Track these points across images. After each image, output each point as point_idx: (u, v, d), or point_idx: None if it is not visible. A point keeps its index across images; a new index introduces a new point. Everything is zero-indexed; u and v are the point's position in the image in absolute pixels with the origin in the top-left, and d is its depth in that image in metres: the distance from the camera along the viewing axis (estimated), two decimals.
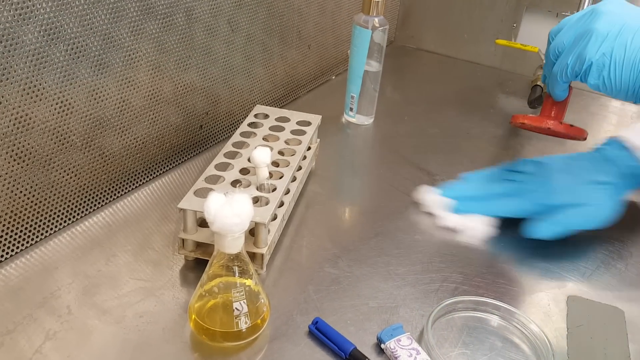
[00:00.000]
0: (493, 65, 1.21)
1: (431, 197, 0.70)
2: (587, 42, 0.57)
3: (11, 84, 0.53)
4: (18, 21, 0.52)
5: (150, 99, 0.71)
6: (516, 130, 0.94)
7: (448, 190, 0.71)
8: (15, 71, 0.53)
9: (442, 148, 0.87)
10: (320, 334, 0.51)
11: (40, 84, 0.56)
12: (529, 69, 1.10)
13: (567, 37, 0.60)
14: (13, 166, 0.56)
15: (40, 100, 0.57)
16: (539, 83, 1.02)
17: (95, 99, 0.63)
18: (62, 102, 0.59)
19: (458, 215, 0.68)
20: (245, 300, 0.48)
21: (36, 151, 0.58)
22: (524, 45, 1.08)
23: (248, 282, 0.50)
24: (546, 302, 0.58)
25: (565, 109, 0.70)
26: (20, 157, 0.57)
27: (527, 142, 0.91)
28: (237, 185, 0.62)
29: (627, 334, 0.54)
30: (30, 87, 0.55)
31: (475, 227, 0.67)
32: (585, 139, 0.71)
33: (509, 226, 0.69)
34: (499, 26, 1.17)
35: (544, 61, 0.65)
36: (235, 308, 0.48)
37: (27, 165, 0.58)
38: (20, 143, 0.56)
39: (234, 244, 0.46)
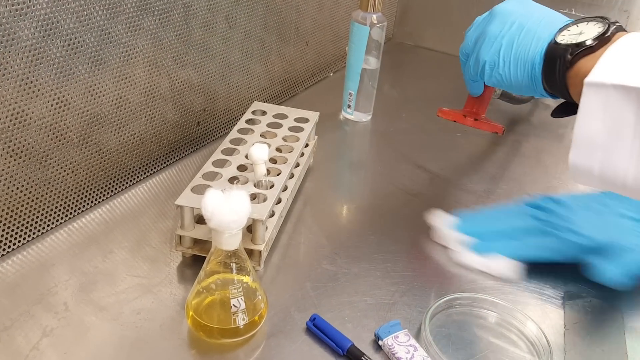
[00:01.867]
0: None
1: (447, 231, 0.63)
2: (482, 44, 0.57)
3: (7, 80, 0.53)
4: (14, 17, 0.52)
5: (147, 96, 0.70)
6: (513, 127, 0.94)
7: (466, 224, 0.64)
8: (11, 67, 0.53)
9: (440, 145, 0.87)
10: (317, 330, 0.51)
11: (36, 80, 0.56)
12: None
13: (471, 39, 0.61)
14: (9, 162, 0.56)
15: (37, 96, 0.56)
16: None
17: (92, 95, 0.63)
18: (58, 98, 0.59)
19: (479, 254, 0.61)
20: (242, 297, 0.48)
21: (33, 147, 0.58)
22: None
23: (245, 278, 0.50)
24: (543, 299, 0.58)
25: (485, 103, 0.71)
26: (16, 154, 0.56)
27: (525, 140, 0.91)
28: (235, 182, 0.61)
29: (624, 331, 0.54)
30: (26, 83, 0.55)
31: (500, 269, 0.60)
32: (502, 133, 0.71)
33: None
34: None
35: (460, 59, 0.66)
36: (233, 305, 0.48)
37: (24, 161, 0.57)
38: (16, 139, 0.56)
39: (232, 240, 0.46)
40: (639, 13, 1.03)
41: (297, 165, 0.70)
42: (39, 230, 0.61)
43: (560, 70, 0.50)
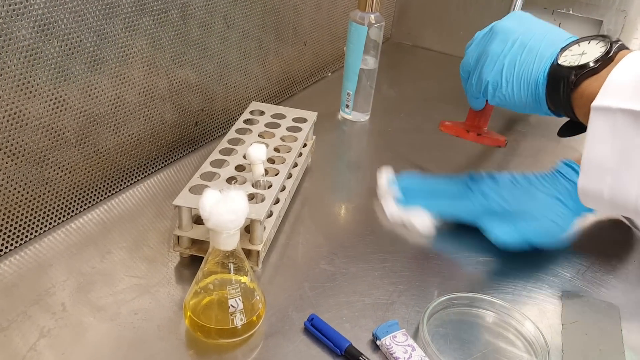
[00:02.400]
0: None
1: (384, 186, 0.69)
2: (484, 63, 0.57)
3: (4, 80, 0.53)
4: (12, 17, 0.52)
5: (145, 96, 0.70)
6: (510, 127, 0.94)
7: (403, 181, 0.69)
8: (8, 67, 0.53)
9: (438, 145, 0.87)
10: (315, 330, 0.51)
11: (34, 80, 0.56)
12: None
13: (472, 56, 0.61)
14: (7, 163, 0.56)
15: (34, 96, 0.56)
16: None
17: (89, 95, 0.63)
18: (55, 98, 0.59)
19: (402, 207, 0.67)
20: (240, 297, 0.48)
21: (30, 148, 0.58)
22: None
23: (243, 279, 0.50)
24: (541, 298, 0.58)
25: (487, 116, 0.71)
26: (13, 154, 0.56)
27: (523, 139, 0.91)
28: (233, 182, 0.61)
29: (621, 330, 0.54)
30: (23, 83, 0.55)
31: (417, 223, 0.66)
32: (504, 145, 0.71)
33: None
34: None
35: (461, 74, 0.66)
36: (231, 305, 0.48)
37: (21, 161, 0.57)
38: (14, 139, 0.56)
39: (229, 241, 0.46)
40: (636, 13, 1.03)
41: (295, 165, 0.70)
42: (36, 231, 0.61)
43: (565, 91, 0.50)
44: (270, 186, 0.60)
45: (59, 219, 0.64)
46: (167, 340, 0.50)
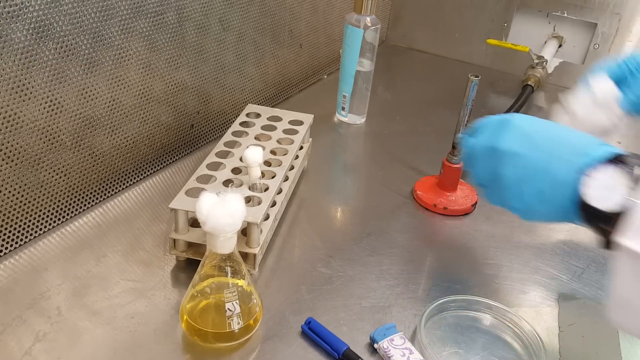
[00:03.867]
0: (484, 64, 1.21)
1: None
2: (501, 189, 0.50)
3: (0, 82, 0.53)
4: (7, 19, 0.51)
5: (141, 98, 0.70)
6: None
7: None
8: (3, 70, 0.53)
9: (434, 147, 0.87)
10: (313, 334, 0.51)
11: (29, 83, 0.55)
12: (519, 68, 1.11)
13: (482, 174, 0.53)
14: (1, 166, 0.55)
15: (29, 99, 0.56)
16: (529, 83, 1.02)
17: (85, 98, 0.62)
18: (51, 101, 0.58)
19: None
20: (237, 301, 0.48)
21: (25, 151, 0.57)
22: (515, 45, 1.08)
23: (240, 282, 0.49)
24: (538, 301, 0.58)
25: (456, 180, 0.73)
26: (8, 157, 0.56)
27: None
28: (229, 185, 0.61)
29: (618, 332, 0.54)
30: (18, 86, 0.54)
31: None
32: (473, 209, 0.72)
33: (504, 225, 0.69)
34: (489, 26, 1.17)
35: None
36: (228, 309, 0.48)
37: (16, 164, 0.57)
38: (8, 142, 0.55)
39: (227, 244, 0.46)
40: (630, 16, 1.04)
41: (292, 167, 0.69)
42: (31, 234, 0.61)
43: (604, 230, 0.44)
44: (266, 189, 0.60)
45: (54, 222, 0.63)
46: (164, 344, 0.50)
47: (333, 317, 0.54)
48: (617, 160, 0.43)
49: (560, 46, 1.12)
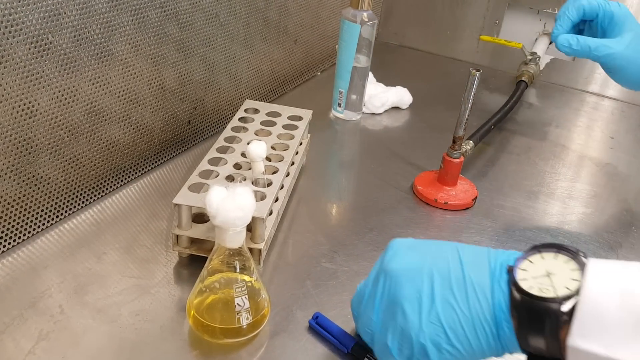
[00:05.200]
0: (476, 61, 1.22)
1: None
2: (405, 319, 0.40)
3: (9, 72, 0.51)
4: (17, 7, 0.50)
5: (138, 94, 0.69)
6: (500, 126, 0.94)
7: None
8: (14, 61, 0.51)
9: (430, 143, 0.87)
10: (321, 329, 0.51)
11: (38, 73, 0.54)
12: (512, 65, 1.11)
13: (371, 319, 0.44)
14: None
15: (35, 92, 0.55)
16: (523, 79, 1.03)
17: (85, 93, 0.61)
18: (53, 94, 0.57)
19: None
20: (246, 296, 0.47)
21: (22, 146, 0.56)
22: (508, 42, 1.09)
23: (249, 277, 0.49)
24: None
25: (456, 174, 0.73)
26: (5, 153, 0.55)
27: (512, 137, 0.92)
28: (239, 178, 0.60)
29: None
30: (28, 76, 0.53)
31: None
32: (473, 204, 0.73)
33: (504, 219, 0.69)
34: (481, 23, 1.18)
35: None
36: (237, 304, 0.47)
37: (14, 159, 0.56)
38: (5, 138, 0.54)
39: (236, 238, 0.45)
40: None
41: (292, 163, 0.69)
42: (29, 232, 0.59)
43: (553, 328, 0.35)
44: (269, 184, 0.60)
45: (52, 219, 0.62)
46: (171, 341, 0.49)
47: (340, 312, 0.53)
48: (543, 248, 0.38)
49: (551, 43, 1.13)
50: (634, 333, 0.32)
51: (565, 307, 0.34)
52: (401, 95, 0.97)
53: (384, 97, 0.94)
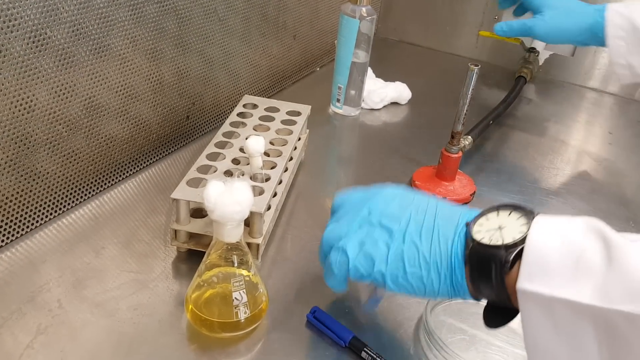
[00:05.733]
0: (475, 57, 1.21)
1: None
2: (374, 249, 0.44)
3: (7, 67, 0.51)
4: (15, 1, 0.50)
5: (137, 89, 0.69)
6: (499, 121, 0.94)
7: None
8: (12, 55, 0.51)
9: (429, 138, 0.87)
10: (319, 323, 0.51)
11: (36, 67, 0.54)
12: (511, 61, 1.11)
13: (346, 235, 0.46)
14: None
15: (31, 87, 0.55)
16: (523, 74, 1.03)
17: (84, 88, 0.61)
18: (50, 89, 0.57)
19: None
20: (244, 290, 0.48)
21: (20, 140, 0.56)
22: (507, 37, 1.09)
23: (247, 272, 0.49)
24: None
25: (455, 169, 0.73)
26: (3, 148, 0.55)
27: (511, 132, 0.92)
28: (237, 173, 0.60)
29: None
30: (25, 71, 0.53)
31: None
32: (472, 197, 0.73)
33: None
34: (480, 19, 1.18)
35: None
36: (235, 298, 0.47)
37: (12, 155, 0.56)
38: (4, 133, 0.54)
39: (234, 232, 0.46)
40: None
41: (291, 158, 0.69)
42: (27, 227, 0.60)
43: (499, 274, 0.39)
44: (268, 179, 0.60)
45: (51, 214, 0.62)
46: (169, 335, 0.49)
47: (338, 306, 0.54)
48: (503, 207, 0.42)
49: None
50: (573, 275, 0.35)
51: (510, 254, 0.38)
52: (400, 91, 0.97)
53: (382, 93, 0.94)
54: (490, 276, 0.39)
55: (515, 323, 0.40)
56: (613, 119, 1.03)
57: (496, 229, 0.40)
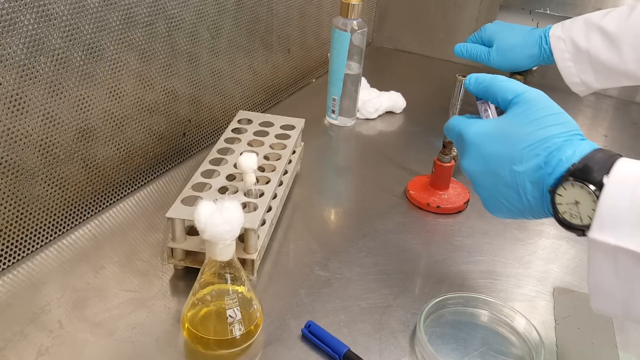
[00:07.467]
0: (469, 63, 1.22)
1: None
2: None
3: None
4: (2, 33, 0.52)
5: (133, 109, 0.70)
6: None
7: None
8: (1, 84, 0.53)
9: (424, 147, 0.88)
10: (313, 337, 0.52)
11: (26, 96, 0.55)
12: None
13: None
14: None
15: (24, 114, 0.56)
16: (517, 79, 1.04)
17: (77, 112, 0.62)
18: (45, 114, 0.58)
19: None
20: (238, 307, 0.48)
21: (18, 165, 0.57)
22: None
23: (240, 288, 0.50)
24: (533, 295, 0.59)
25: (448, 177, 0.74)
26: (3, 172, 0.56)
27: None
28: (226, 192, 0.61)
29: (613, 323, 0.56)
30: (16, 100, 0.55)
31: None
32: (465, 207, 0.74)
33: (496, 221, 0.70)
34: (473, 25, 1.19)
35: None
36: (229, 315, 0.48)
37: (11, 179, 0.57)
38: (2, 158, 0.55)
39: (226, 251, 0.47)
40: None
41: (286, 172, 0.70)
42: (28, 249, 0.61)
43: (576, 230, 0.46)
44: (262, 194, 0.61)
45: (51, 235, 0.63)
46: (166, 354, 0.50)
47: (333, 320, 0.54)
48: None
49: None
50: (637, 229, 0.40)
51: (586, 229, 0.43)
52: (395, 100, 0.98)
53: (377, 102, 0.95)
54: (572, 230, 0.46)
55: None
56: (608, 121, 1.03)
57: (574, 203, 0.45)
